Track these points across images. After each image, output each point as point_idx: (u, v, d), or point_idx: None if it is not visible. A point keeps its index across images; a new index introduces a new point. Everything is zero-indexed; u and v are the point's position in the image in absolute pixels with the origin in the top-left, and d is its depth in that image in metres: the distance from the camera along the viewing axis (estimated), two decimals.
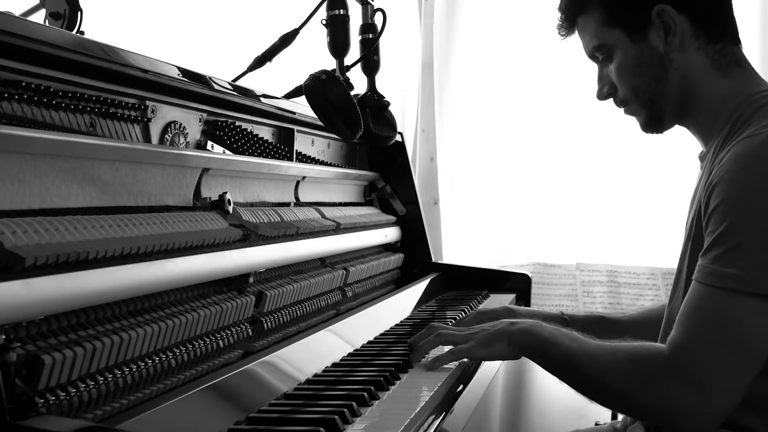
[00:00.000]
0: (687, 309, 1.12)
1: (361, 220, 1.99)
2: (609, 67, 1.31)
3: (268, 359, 1.17)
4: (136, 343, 0.99)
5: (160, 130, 1.32)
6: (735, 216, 1.09)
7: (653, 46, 1.25)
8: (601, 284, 2.54)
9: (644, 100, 1.29)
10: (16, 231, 0.85)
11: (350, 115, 1.38)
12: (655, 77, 1.27)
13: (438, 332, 1.34)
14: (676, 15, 1.24)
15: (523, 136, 2.83)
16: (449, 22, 2.88)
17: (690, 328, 1.10)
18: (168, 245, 1.10)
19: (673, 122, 1.32)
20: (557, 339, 1.23)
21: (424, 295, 2.06)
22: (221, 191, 1.38)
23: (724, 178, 1.12)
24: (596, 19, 1.29)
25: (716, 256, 1.09)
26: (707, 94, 1.26)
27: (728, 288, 1.07)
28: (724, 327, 1.07)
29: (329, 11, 1.42)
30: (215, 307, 1.19)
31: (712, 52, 1.26)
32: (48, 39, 1.00)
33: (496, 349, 1.29)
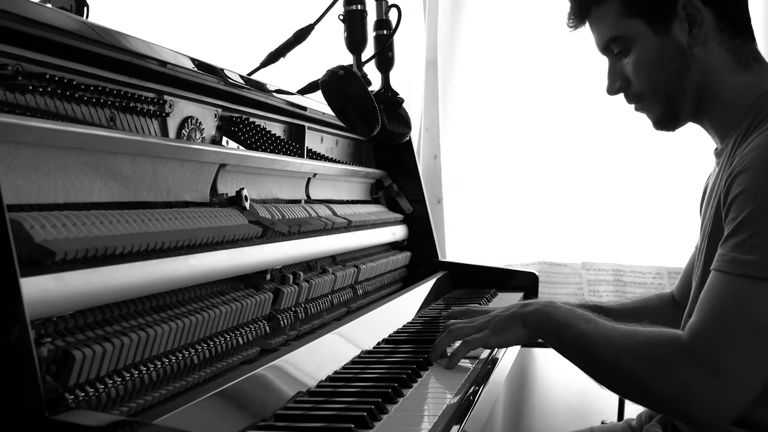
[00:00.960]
0: (706, 296, 1.10)
1: (370, 218, 1.98)
2: (624, 60, 1.27)
3: (288, 357, 1.15)
4: (161, 339, 0.97)
5: (178, 125, 1.31)
6: (756, 204, 1.07)
7: (676, 38, 1.22)
8: (607, 283, 2.54)
9: (662, 95, 1.26)
10: (45, 225, 0.83)
11: (368, 111, 1.38)
12: (676, 71, 1.24)
13: (451, 328, 1.32)
14: (702, 7, 1.21)
15: (528, 134, 2.82)
16: (453, 19, 2.88)
17: (709, 315, 1.08)
18: (190, 241, 1.09)
19: (688, 119, 1.29)
20: (571, 320, 1.20)
21: (431, 294, 2.05)
22: (237, 187, 1.37)
23: (746, 167, 1.11)
24: (615, 9, 1.24)
25: (736, 244, 1.08)
26: (726, 89, 1.24)
27: (748, 275, 1.05)
28: (743, 314, 1.05)
29: (347, 6, 1.41)
30: (236, 303, 1.18)
31: (732, 47, 1.24)
32: (71, 28, 0.99)
33: (511, 334, 1.26)
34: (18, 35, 0.92)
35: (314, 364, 1.21)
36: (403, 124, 1.62)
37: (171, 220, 1.08)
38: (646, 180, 2.66)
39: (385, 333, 1.54)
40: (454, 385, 1.18)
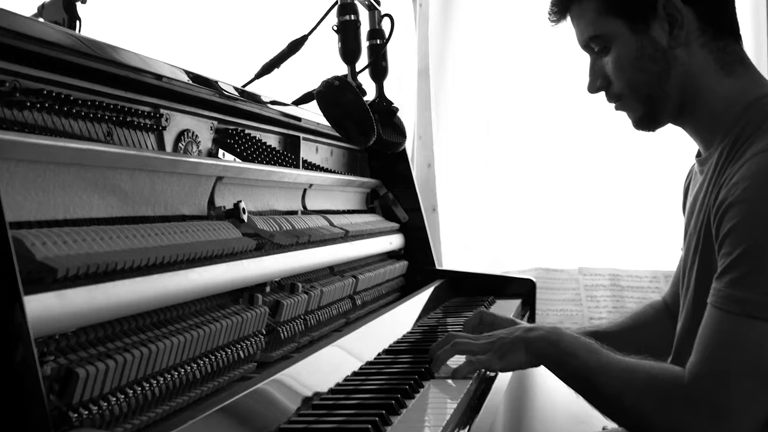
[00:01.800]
0: (705, 335, 1.09)
1: (367, 228, 1.98)
2: (604, 59, 1.23)
3: (289, 371, 1.15)
4: (163, 355, 0.97)
5: (174, 138, 1.30)
6: (752, 239, 1.05)
7: (656, 39, 1.19)
8: (604, 288, 2.54)
9: (643, 96, 1.22)
10: (46, 242, 0.83)
11: (363, 121, 1.37)
12: (656, 73, 1.20)
13: (455, 341, 1.32)
14: (682, 7, 1.17)
15: (521, 141, 2.83)
16: (445, 27, 2.89)
17: (707, 355, 1.07)
18: (189, 255, 1.08)
19: (668, 121, 1.26)
20: (575, 351, 1.21)
21: (430, 303, 2.05)
22: (234, 200, 1.36)
23: (740, 198, 1.08)
24: (594, 6, 1.21)
25: (733, 280, 1.06)
26: (710, 93, 1.20)
27: (747, 314, 1.04)
28: (744, 354, 1.05)
29: (340, 17, 1.41)
30: (235, 317, 1.17)
31: (716, 49, 1.20)
32: (68, 44, 0.98)
33: (513, 359, 1.26)
34: (15, 51, 0.92)
35: (315, 376, 1.21)
36: (398, 133, 1.62)
37: (170, 234, 1.07)
38: (640, 184, 2.67)
39: (385, 343, 1.54)
40: (456, 395, 1.18)
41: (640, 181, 2.68)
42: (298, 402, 1.08)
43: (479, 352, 1.29)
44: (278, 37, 1.63)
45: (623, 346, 1.35)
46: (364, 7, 1.61)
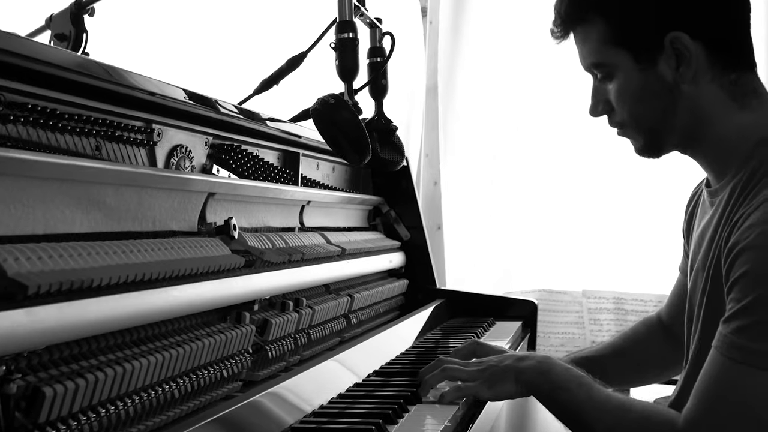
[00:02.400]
0: (705, 380, 1.06)
1: (366, 246, 1.96)
2: (608, 85, 1.19)
3: (272, 391, 1.13)
4: (139, 373, 0.95)
5: (166, 153, 1.30)
6: (764, 288, 1.02)
7: (661, 74, 1.14)
8: (608, 311, 2.51)
9: (645, 128, 1.19)
10: (19, 258, 0.82)
11: (358, 139, 1.36)
12: (661, 108, 1.16)
13: (444, 366, 1.30)
14: (691, 43, 1.12)
15: (528, 161, 2.81)
16: (454, 45, 2.88)
17: (707, 404, 1.05)
18: (173, 272, 1.07)
19: (673, 150, 1.22)
20: (566, 384, 1.18)
21: (428, 323, 2.03)
22: (227, 216, 1.35)
23: (753, 244, 1.04)
24: (599, 33, 1.15)
25: (740, 328, 1.03)
26: (722, 126, 1.15)
27: (751, 364, 1.02)
28: (742, 405, 1.02)
29: (338, 34, 1.40)
30: (219, 335, 1.16)
31: (727, 82, 1.15)
32: (54, 60, 0.98)
33: (502, 388, 1.24)
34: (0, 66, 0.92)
35: (299, 398, 1.19)
36: (396, 152, 1.61)
37: (154, 251, 1.06)
38: (647, 208, 2.64)
39: (376, 364, 1.52)
40: (442, 420, 1.16)
41: (646, 204, 2.64)
42: (277, 426, 1.06)
43: (468, 379, 1.27)
44: (279, 53, 1.62)
45: (617, 367, 1.33)
46: (366, 25, 1.60)
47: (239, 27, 2.15)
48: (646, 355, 1.46)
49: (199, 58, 2.04)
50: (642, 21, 1.14)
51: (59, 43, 1.86)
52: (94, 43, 1.85)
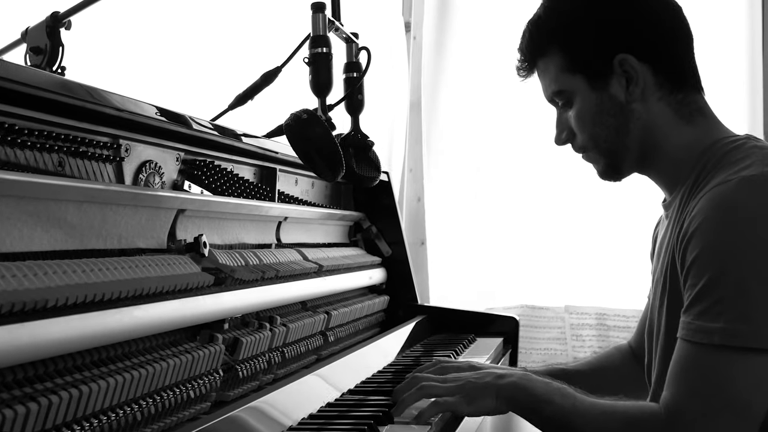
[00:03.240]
0: (677, 369, 1.09)
1: (344, 262, 1.94)
2: (568, 113, 1.28)
3: (239, 412, 1.11)
4: (97, 396, 0.93)
5: (135, 169, 1.28)
6: (715, 268, 1.06)
7: (614, 95, 1.23)
8: (590, 327, 2.49)
9: (604, 149, 1.27)
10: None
11: (331, 155, 1.35)
12: (615, 127, 1.24)
13: (421, 385, 1.28)
14: (638, 64, 1.21)
15: (511, 177, 2.80)
16: (438, 60, 2.87)
17: (682, 389, 1.07)
18: (135, 291, 1.05)
19: (632, 171, 1.30)
20: (549, 396, 1.19)
21: (409, 339, 2.01)
22: (198, 233, 1.33)
23: (700, 229, 1.09)
24: (556, 63, 1.25)
25: (700, 312, 1.07)
26: (670, 143, 1.24)
27: (715, 344, 1.04)
28: (716, 385, 1.04)
29: (312, 49, 1.39)
30: (186, 355, 1.14)
31: (674, 101, 1.24)
32: (13, 76, 0.96)
33: (482, 404, 1.23)
34: None
35: (269, 418, 1.17)
36: (373, 167, 1.59)
37: (116, 269, 1.04)
38: (630, 223, 2.63)
39: (351, 383, 1.50)
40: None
41: (629, 220, 2.63)
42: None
43: (446, 395, 1.25)
44: (254, 68, 1.61)
45: (591, 385, 1.33)
46: (342, 40, 1.59)
47: (215, 42, 2.13)
48: (619, 380, 1.47)
49: (175, 73, 2.03)
50: (592, 46, 1.23)
51: (35, 56, 1.83)
52: (71, 57, 1.83)
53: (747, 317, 1.04)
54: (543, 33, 1.28)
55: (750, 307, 1.04)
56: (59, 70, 1.84)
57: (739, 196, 1.08)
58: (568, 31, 1.25)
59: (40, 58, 1.83)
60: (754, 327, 1.03)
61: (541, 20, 1.29)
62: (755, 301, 1.04)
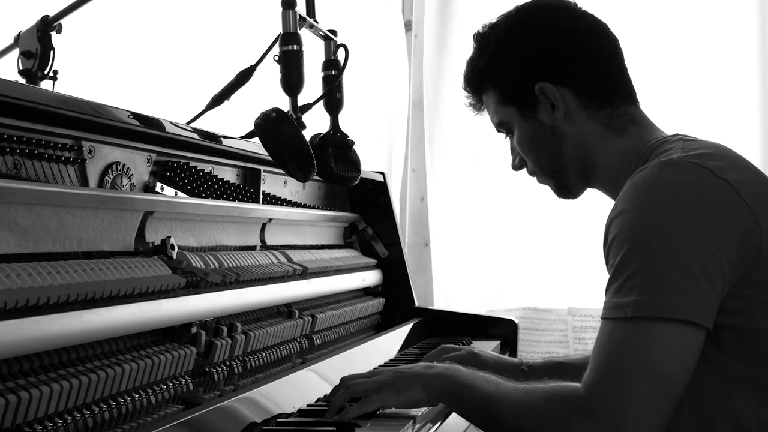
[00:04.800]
0: (596, 347, 1.10)
1: (334, 264, 1.91)
2: (513, 141, 1.35)
3: (202, 416, 1.09)
4: (40, 401, 0.91)
5: (100, 171, 1.26)
6: (628, 244, 1.09)
7: (543, 121, 1.29)
8: (593, 330, 2.43)
9: (548, 172, 1.33)
10: None
11: (301, 155, 1.32)
12: (550, 150, 1.30)
13: (348, 384, 1.25)
14: (555, 90, 1.27)
15: (516, 176, 2.74)
16: (439, 59, 2.84)
17: (599, 365, 1.08)
18: (86, 295, 1.03)
19: (582, 187, 1.35)
20: (473, 382, 1.20)
21: (404, 342, 1.97)
22: (172, 235, 1.31)
23: (617, 212, 1.13)
24: (493, 98, 1.33)
25: (616, 289, 1.08)
26: (606, 156, 1.28)
27: (628, 317, 1.05)
28: (630, 357, 1.05)
29: (282, 47, 1.36)
30: (146, 360, 1.12)
31: (603, 116, 1.28)
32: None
33: (410, 395, 1.23)
34: None
35: (232, 426, 1.14)
36: (352, 167, 1.56)
37: (70, 272, 1.02)
38: None
39: (320, 392, 1.46)
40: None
41: None
42: None
43: (373, 390, 1.23)
44: (231, 68, 1.58)
45: None
46: (320, 37, 1.56)
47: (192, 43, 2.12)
48: None
49: (157, 73, 2.02)
50: (515, 79, 1.30)
51: (26, 61, 1.83)
52: (65, 61, 1.83)
53: (658, 289, 1.05)
54: (476, 72, 1.35)
55: (661, 278, 1.05)
56: (51, 74, 1.84)
57: (654, 178, 1.12)
58: (493, 67, 1.32)
59: (31, 62, 1.83)
60: (665, 298, 1.05)
61: (474, 60, 1.36)
62: (665, 273, 1.05)
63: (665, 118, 1.41)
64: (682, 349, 1.05)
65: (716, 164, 1.13)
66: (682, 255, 1.06)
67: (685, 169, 1.12)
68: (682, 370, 1.06)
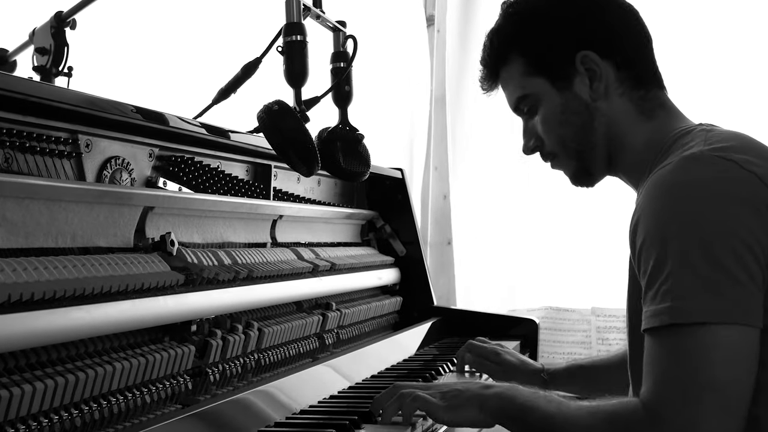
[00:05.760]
0: (646, 360, 1.05)
1: (349, 262, 1.87)
2: (534, 119, 1.26)
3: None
4: (21, 400, 0.88)
5: (98, 165, 1.23)
6: (657, 251, 1.04)
7: (578, 94, 1.22)
8: (618, 330, 2.35)
9: (572, 151, 1.25)
10: None
11: (304, 149, 1.28)
12: (581, 126, 1.23)
13: (401, 393, 1.21)
14: (600, 61, 1.20)
15: (540, 173, 2.67)
16: (462, 54, 2.78)
17: (656, 381, 1.03)
18: (77, 291, 1.00)
19: (603, 173, 1.28)
20: (534, 403, 1.14)
21: (422, 341, 1.93)
22: (174, 231, 1.28)
23: (642, 214, 1.07)
24: (518, 69, 1.24)
25: (652, 297, 1.03)
26: (633, 140, 1.22)
27: (666, 325, 1.01)
28: (685, 368, 1.00)
29: (285, 38, 1.33)
30: (139, 358, 1.09)
31: (636, 97, 1.22)
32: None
33: (464, 414, 1.17)
34: None
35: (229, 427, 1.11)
36: (361, 162, 1.51)
37: (59, 268, 1.00)
38: None
39: (342, 386, 1.43)
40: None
41: None
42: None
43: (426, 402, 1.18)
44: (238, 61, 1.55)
45: (611, 381, 1.35)
46: (328, 28, 1.52)
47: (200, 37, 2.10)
48: None
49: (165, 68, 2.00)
50: (553, 46, 1.22)
51: (40, 57, 1.83)
52: (75, 56, 1.82)
53: (693, 292, 1.00)
54: (503, 40, 1.27)
55: (695, 281, 1.00)
56: (65, 70, 1.83)
57: (676, 176, 1.06)
58: (527, 34, 1.24)
59: (45, 59, 1.83)
60: (702, 301, 0.99)
61: (501, 27, 1.28)
62: (699, 274, 1.00)
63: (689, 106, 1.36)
64: (735, 351, 0.99)
65: (741, 156, 1.07)
66: (714, 253, 1.00)
67: (708, 162, 1.07)
68: (743, 374, 0.99)
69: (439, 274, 2.74)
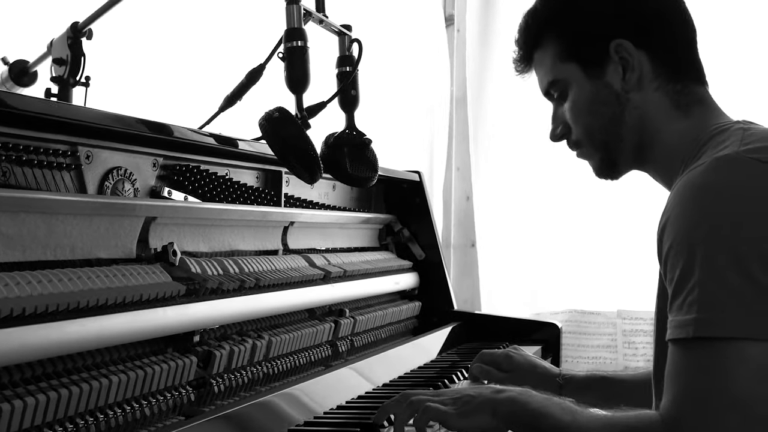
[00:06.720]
0: (669, 373, 1.00)
1: (364, 267, 1.85)
2: (564, 105, 1.22)
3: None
4: (11, 416, 0.88)
5: (100, 177, 1.23)
6: (686, 257, 0.98)
7: (610, 83, 1.17)
8: (645, 333, 2.29)
9: (598, 141, 1.21)
10: None
11: (305, 155, 1.26)
12: (610, 117, 1.18)
13: (411, 400, 1.18)
14: (634, 51, 1.16)
15: (564, 175, 2.62)
16: (483, 53, 2.74)
17: (676, 393, 0.98)
18: (70, 305, 0.99)
19: (629, 167, 1.23)
20: (548, 410, 1.09)
21: (442, 347, 1.90)
22: (179, 241, 1.28)
23: (670, 219, 1.02)
24: (552, 53, 1.21)
25: (678, 307, 0.98)
26: (667, 135, 1.17)
27: (691, 337, 0.96)
28: (709, 385, 0.94)
29: (286, 43, 1.31)
30: (137, 371, 1.08)
31: (672, 91, 1.17)
32: None
33: (476, 419, 1.13)
34: None
35: None
36: (368, 167, 1.49)
37: (53, 281, 0.99)
38: None
39: (354, 394, 1.41)
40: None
41: None
42: None
43: (437, 409, 1.15)
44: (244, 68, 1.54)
45: (633, 398, 1.26)
46: (333, 33, 1.50)
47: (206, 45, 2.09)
48: None
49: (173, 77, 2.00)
50: (587, 32, 1.19)
51: (58, 68, 1.84)
52: (92, 67, 1.83)
53: (721, 304, 0.95)
54: (539, 22, 1.24)
55: (722, 291, 0.95)
56: (83, 80, 1.84)
57: (707, 177, 1.01)
58: (563, 18, 1.21)
59: (63, 70, 1.84)
60: (729, 313, 0.94)
61: (537, 10, 1.25)
62: (727, 286, 0.95)
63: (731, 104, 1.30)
64: (762, 369, 0.94)
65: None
66: (745, 263, 0.95)
67: (741, 165, 1.01)
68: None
69: (463, 276, 2.70)
